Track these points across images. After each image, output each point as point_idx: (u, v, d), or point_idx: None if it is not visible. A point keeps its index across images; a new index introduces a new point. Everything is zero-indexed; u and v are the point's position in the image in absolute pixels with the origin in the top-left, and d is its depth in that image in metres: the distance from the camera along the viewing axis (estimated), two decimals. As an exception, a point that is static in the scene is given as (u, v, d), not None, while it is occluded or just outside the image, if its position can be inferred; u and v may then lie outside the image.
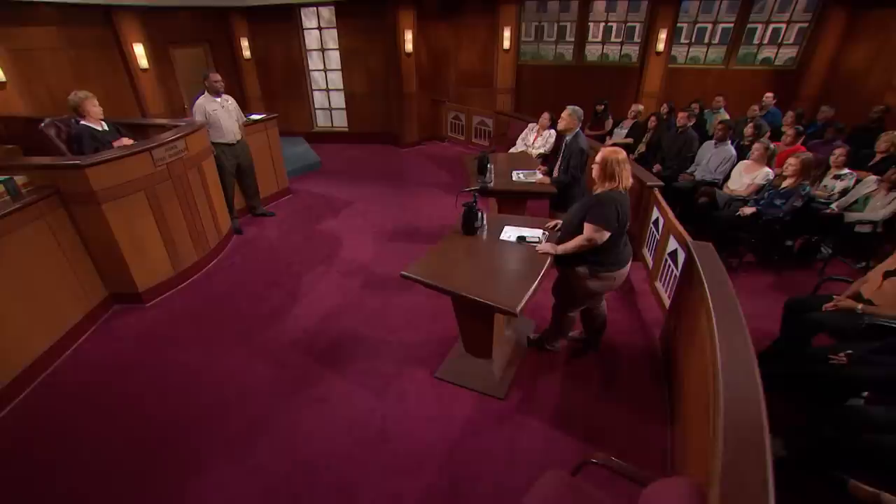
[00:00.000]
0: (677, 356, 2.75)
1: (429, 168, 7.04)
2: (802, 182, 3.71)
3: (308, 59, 8.05)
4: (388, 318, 3.49)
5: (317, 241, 4.70)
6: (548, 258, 2.63)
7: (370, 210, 5.42)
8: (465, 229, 2.92)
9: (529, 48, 8.70)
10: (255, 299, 3.75)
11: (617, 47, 8.54)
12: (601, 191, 2.53)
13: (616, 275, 2.63)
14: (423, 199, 5.68)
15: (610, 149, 2.52)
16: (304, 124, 8.45)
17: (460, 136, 8.30)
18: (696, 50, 8.42)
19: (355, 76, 7.95)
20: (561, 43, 8.66)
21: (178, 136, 3.81)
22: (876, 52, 6.77)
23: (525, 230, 2.96)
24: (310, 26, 7.81)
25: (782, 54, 8.03)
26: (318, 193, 5.98)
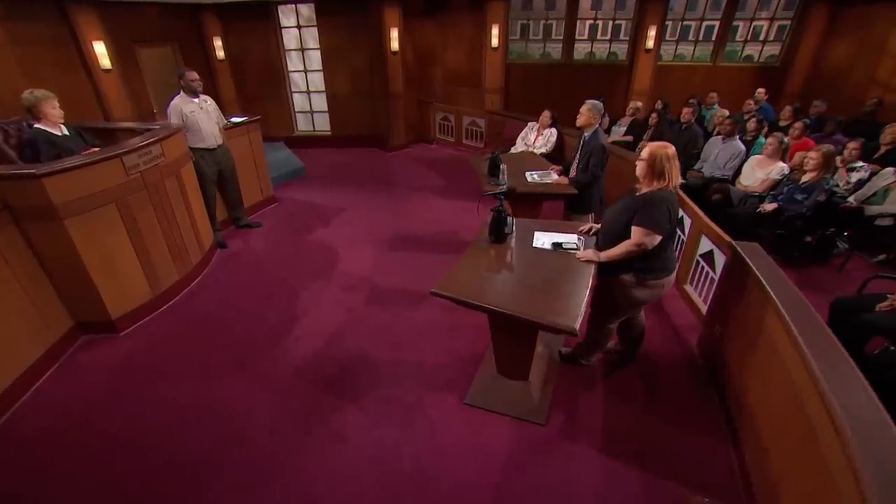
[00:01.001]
0: (730, 366, 2.57)
1: (420, 171, 6.81)
2: (825, 175, 3.64)
3: (287, 60, 7.66)
4: (400, 337, 3.19)
5: (310, 253, 4.35)
6: (591, 266, 2.41)
7: (363, 217, 5.12)
8: (495, 236, 2.68)
9: (516, 47, 8.59)
10: (249, 321, 3.38)
11: (604, 45, 8.53)
12: (648, 190, 2.33)
13: (665, 282, 2.44)
14: (418, 204, 5.46)
15: (658, 143, 2.34)
16: (284, 128, 8.03)
17: (450, 138, 8.09)
18: (682, 47, 8.50)
19: (338, 77, 7.62)
20: (548, 41, 8.59)
21: (152, 141, 3.41)
22: (857, 47, 6.95)
23: (559, 235, 2.74)
24: (288, 24, 7.43)
25: (765, 51, 8.20)
26: (305, 201, 5.63)
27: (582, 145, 3.69)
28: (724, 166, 4.77)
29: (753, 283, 2.36)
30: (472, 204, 5.38)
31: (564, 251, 2.59)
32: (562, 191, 3.63)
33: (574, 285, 2.26)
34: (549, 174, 3.91)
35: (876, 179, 3.89)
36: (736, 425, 2.35)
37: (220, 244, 4.48)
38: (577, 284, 2.26)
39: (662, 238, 2.31)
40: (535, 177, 3.87)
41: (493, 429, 2.49)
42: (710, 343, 2.90)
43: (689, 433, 2.47)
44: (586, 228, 2.84)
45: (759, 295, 2.29)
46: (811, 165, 3.64)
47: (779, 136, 4.04)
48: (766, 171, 4.17)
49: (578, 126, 3.68)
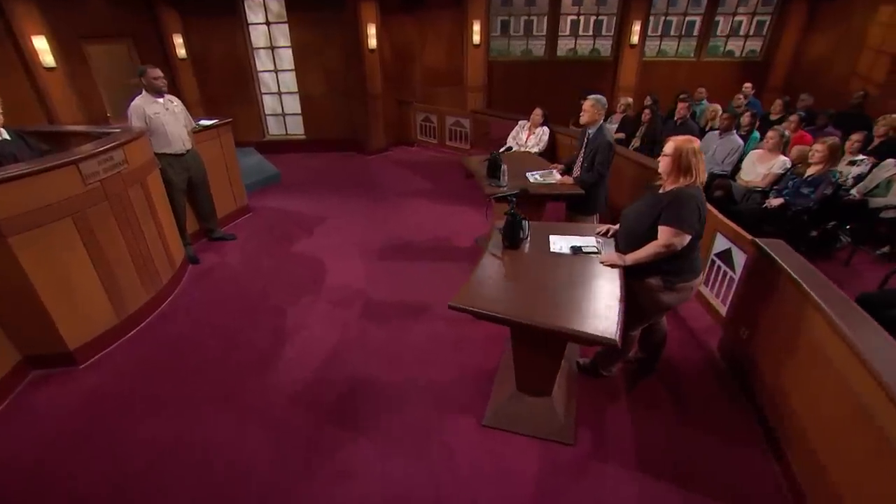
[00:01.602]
0: (761, 370, 2.52)
1: (403, 175, 6.70)
2: (831, 168, 3.70)
3: (255, 59, 7.40)
4: (403, 354, 3.03)
5: (294, 266, 4.14)
6: (617, 271, 2.32)
7: (349, 226, 4.95)
8: (509, 242, 2.57)
9: (497, 44, 8.60)
10: (231, 344, 3.14)
11: (587, 42, 8.64)
12: (674, 187, 2.27)
13: (693, 284, 2.40)
14: (405, 210, 5.36)
15: (682, 137, 2.29)
16: (254, 133, 7.74)
17: (432, 140, 7.99)
18: (665, 43, 8.69)
19: (311, 77, 7.40)
20: (530, 38, 8.64)
21: (114, 145, 3.14)
22: (836, 41, 7.27)
23: (576, 239, 2.67)
24: (256, 21, 7.18)
25: (746, 46, 8.48)
26: (283, 210, 5.40)
27: (586, 142, 3.65)
28: (723, 162, 4.83)
29: (786, 282, 2.32)
30: (461, 208, 5.36)
31: (585, 255, 2.50)
32: (569, 191, 3.56)
33: (603, 291, 2.16)
34: (551, 174, 3.85)
35: (877, 171, 4.00)
36: (777, 435, 2.29)
37: (192, 259, 4.20)
38: (606, 290, 2.17)
39: (691, 238, 2.24)
40: (536, 177, 3.80)
41: (518, 452, 2.36)
42: (735, 346, 2.86)
43: (725, 444, 2.40)
44: (603, 230, 2.78)
45: (794, 294, 2.25)
46: (817, 158, 3.69)
47: (780, 130, 4.11)
48: (768, 166, 4.23)
49: (582, 123, 3.64)
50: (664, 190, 2.34)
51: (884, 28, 6.46)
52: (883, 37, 6.47)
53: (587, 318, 1.97)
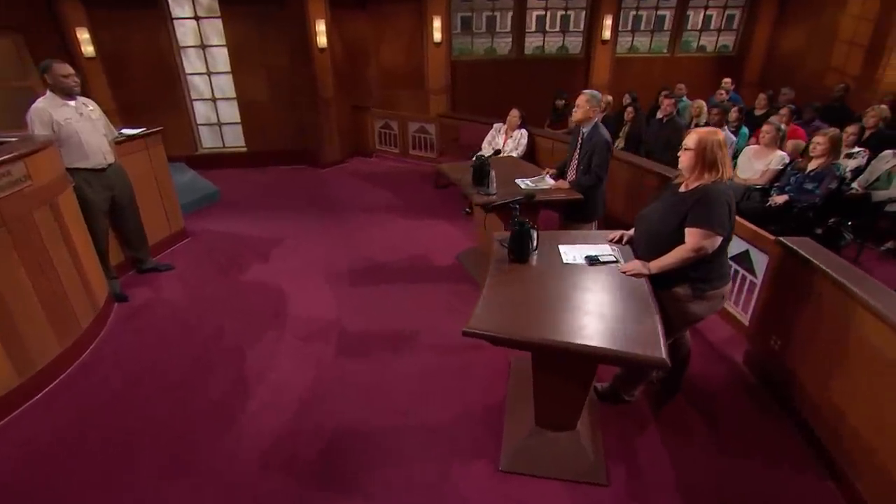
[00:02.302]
0: (802, 384, 2.55)
1: (366, 189, 6.62)
2: (834, 161, 3.91)
3: (183, 60, 7.10)
4: (392, 394, 2.87)
5: (250, 297, 3.90)
6: (644, 281, 2.29)
7: (309, 247, 4.79)
8: (517, 255, 2.51)
9: (459, 42, 8.75)
10: (178, 397, 2.85)
11: (555, 38, 8.95)
12: (699, 184, 2.28)
13: (724, 291, 2.42)
14: (374, 227, 5.29)
15: (705, 129, 2.32)
16: (184, 145, 7.38)
17: (393, 149, 7.94)
18: (637, 39, 9.15)
19: (252, 80, 7.19)
20: (494, 35, 8.84)
21: (12, 157, 2.83)
22: (809, 35, 7.90)
23: (588, 248, 2.64)
24: (182, 15, 6.91)
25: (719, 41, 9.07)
26: (229, 232, 5.13)
27: (581, 143, 3.68)
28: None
29: (823, 282, 2.37)
30: (435, 222, 5.35)
31: (603, 265, 2.47)
32: (567, 196, 3.56)
33: (634, 304, 2.11)
34: (543, 179, 3.86)
35: (876, 163, 4.27)
36: (832, 455, 2.28)
37: (118, 297, 3.85)
38: (638, 302, 2.12)
39: (722, 239, 2.25)
40: (528, 183, 3.79)
41: (544, 499, 2.23)
42: (766, 358, 2.89)
43: (774, 470, 2.38)
44: (616, 237, 2.76)
45: (834, 294, 2.29)
46: (818, 151, 3.90)
47: (775, 123, 4.33)
48: (766, 162, 4.42)
49: (575, 121, 3.67)
50: (687, 188, 2.35)
51: (855, 20, 7.08)
52: (854, 29, 7.09)
53: (627, 336, 1.90)
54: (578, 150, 3.72)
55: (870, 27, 6.87)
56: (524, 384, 2.87)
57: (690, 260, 2.26)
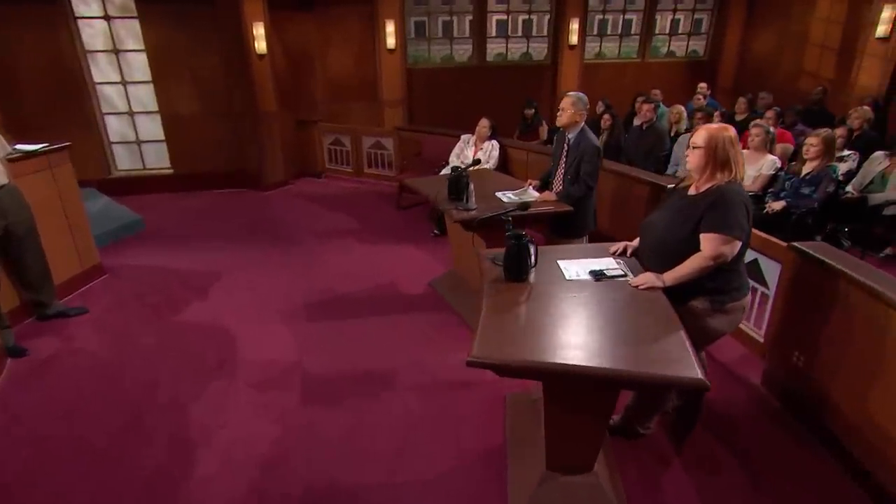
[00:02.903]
0: (835, 404, 2.57)
1: (318, 213, 6.52)
2: (829, 164, 4.12)
3: (91, 66, 6.78)
4: (374, 445, 2.74)
5: (188, 342, 3.68)
6: (659, 294, 2.27)
7: (258, 280, 4.63)
8: (514, 273, 2.47)
9: (414, 49, 8.89)
10: (103, 472, 2.57)
11: (519, 44, 9.24)
12: (711, 186, 2.31)
13: (745, 303, 2.45)
14: (332, 254, 5.19)
15: (715, 126, 2.37)
16: (95, 168, 6.99)
17: (346, 168, 7.89)
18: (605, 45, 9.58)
19: (178, 91, 6.97)
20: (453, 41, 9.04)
21: None
22: (780, 39, 8.53)
23: (590, 262, 2.63)
24: (89, 13, 6.61)
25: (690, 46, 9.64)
26: (156, 267, 4.87)
27: (567, 150, 3.72)
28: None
29: (851, 290, 2.42)
30: (401, 246, 5.34)
31: (611, 280, 2.44)
32: (556, 209, 3.58)
33: (654, 320, 2.08)
34: (526, 191, 3.87)
35: (868, 166, 4.55)
36: (887, 489, 2.27)
37: (13, 351, 3.50)
38: (658, 318, 2.08)
39: (742, 246, 2.28)
40: (510, 196, 3.78)
41: (567, 561, 2.10)
42: (788, 377, 2.91)
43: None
44: (619, 248, 2.75)
45: (866, 303, 2.33)
46: (812, 153, 4.10)
47: (764, 126, 4.55)
48: (757, 167, 4.62)
49: (560, 125, 3.71)
50: (698, 190, 2.37)
51: (824, 24, 7.70)
52: (824, 32, 7.70)
53: (653, 356, 1.85)
54: (564, 158, 3.75)
55: (839, 30, 7.48)
56: (525, 423, 2.82)
57: (708, 269, 2.26)
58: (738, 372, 3.27)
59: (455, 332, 3.72)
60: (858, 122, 5.24)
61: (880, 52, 6.66)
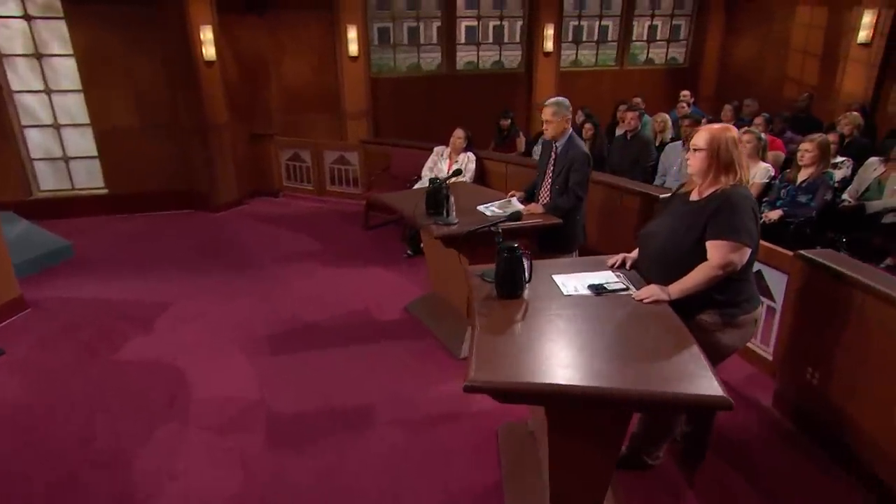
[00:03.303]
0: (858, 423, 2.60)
1: (276, 235, 6.45)
2: (826, 170, 4.28)
3: (7, 73, 6.55)
4: (354, 490, 2.66)
5: (132, 382, 3.57)
6: (667, 308, 2.29)
7: (209, 311, 4.53)
8: (508, 290, 2.48)
9: (378, 57, 9.02)
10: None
11: (491, 52, 9.45)
12: (716, 189, 2.36)
13: (756, 315, 2.49)
14: (295, 280, 5.14)
15: (716, 126, 2.44)
16: (12, 188, 6.72)
17: (306, 185, 7.84)
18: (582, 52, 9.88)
19: (113, 101, 6.81)
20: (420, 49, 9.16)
21: None
22: (761, 45, 8.98)
23: (587, 276, 2.66)
24: (4, 13, 6.38)
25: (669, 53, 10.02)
26: (91, 299, 4.72)
27: (554, 159, 3.79)
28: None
29: (867, 299, 2.48)
30: (372, 269, 5.36)
31: (612, 294, 2.46)
32: (545, 222, 3.62)
33: (663, 335, 2.11)
34: (510, 203, 3.90)
35: (862, 172, 4.75)
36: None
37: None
38: (668, 333, 2.11)
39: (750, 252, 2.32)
40: (494, 209, 3.81)
41: None
42: (802, 397, 2.95)
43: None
44: (617, 260, 2.77)
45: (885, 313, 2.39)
46: (807, 160, 4.26)
47: (756, 133, 4.71)
48: (750, 176, 4.77)
49: (548, 138, 3.80)
50: (701, 195, 2.40)
51: (805, 29, 8.16)
52: (806, 38, 8.14)
53: (666, 374, 1.85)
54: (552, 167, 3.82)
55: (821, 36, 7.93)
56: (522, 456, 2.79)
57: (717, 279, 2.29)
58: (747, 393, 3.31)
59: (437, 359, 3.70)
60: (849, 128, 5.50)
61: (863, 58, 7.07)
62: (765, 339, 3.33)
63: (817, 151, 4.24)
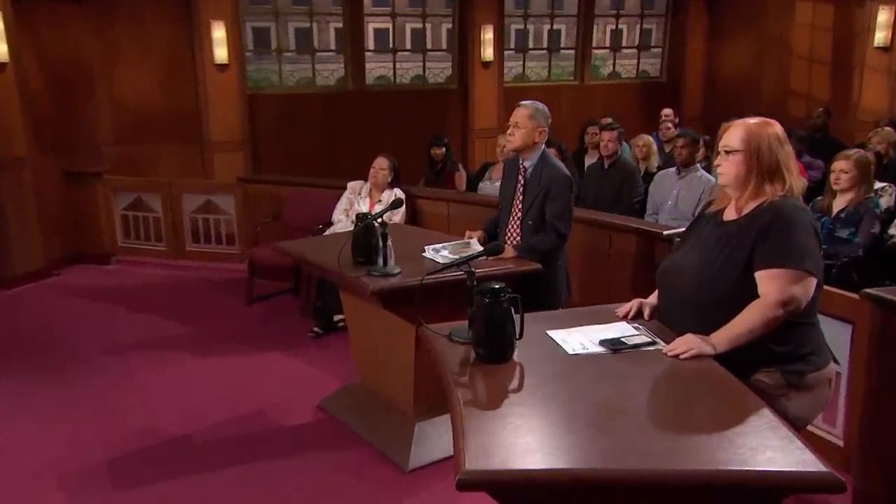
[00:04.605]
0: None
1: (109, 317, 6.35)
2: (868, 195, 4.59)
3: None
4: None
5: None
6: (710, 364, 2.32)
7: (10, 442, 4.24)
8: (493, 352, 2.45)
9: (255, 67, 9.05)
10: None
11: (411, 63, 9.75)
12: (762, 204, 2.43)
13: (830, 373, 2.52)
14: (147, 378, 5.07)
15: (755, 120, 2.49)
16: None
17: (155, 245, 7.82)
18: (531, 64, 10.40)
19: None
20: (315, 57, 9.30)
21: None
22: (756, 48, 9.82)
23: (595, 329, 2.67)
24: None
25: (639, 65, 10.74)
26: None
27: (524, 185, 3.89)
28: (694, 212, 5.63)
29: None
30: (264, 355, 5.46)
31: (634, 351, 2.48)
32: (518, 269, 3.65)
33: (717, 400, 2.12)
34: (468, 245, 3.93)
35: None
36: None
37: None
38: (722, 397, 2.12)
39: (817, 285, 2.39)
40: (446, 254, 3.83)
41: None
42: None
43: None
44: (631, 308, 2.80)
45: None
46: (845, 182, 4.55)
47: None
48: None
49: (513, 150, 3.92)
50: (740, 213, 2.46)
51: (808, 30, 9.01)
52: (811, 42, 8.97)
53: (745, 448, 1.83)
54: (521, 196, 3.89)
55: (828, 39, 8.77)
56: None
57: (777, 321, 2.31)
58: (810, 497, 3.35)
59: (375, 475, 3.64)
60: (883, 146, 6.00)
61: (883, 65, 7.86)
62: (829, 417, 3.38)
63: (856, 171, 4.53)
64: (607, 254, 4.88)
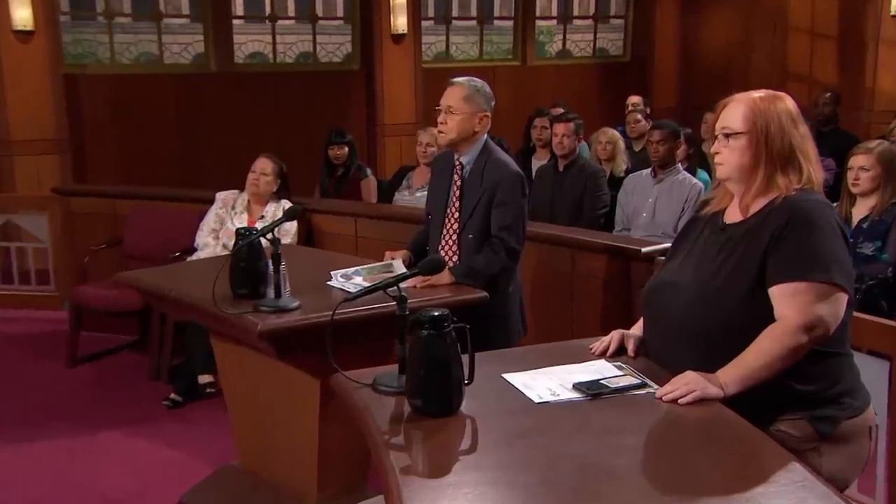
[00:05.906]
0: None
1: None
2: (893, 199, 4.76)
3: None
4: None
5: None
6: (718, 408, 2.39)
7: None
8: (434, 400, 2.45)
9: (73, 37, 8.86)
10: None
11: (298, 36, 9.74)
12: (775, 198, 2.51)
13: (868, 419, 2.58)
14: None
15: (759, 94, 2.56)
16: None
17: None
18: (455, 38, 10.55)
19: None
20: (161, 27, 9.18)
21: None
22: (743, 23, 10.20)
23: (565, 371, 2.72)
24: None
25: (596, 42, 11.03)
26: None
27: (460, 187, 3.94)
28: (677, 225, 5.78)
29: None
30: (94, 434, 5.38)
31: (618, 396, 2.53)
32: (460, 297, 3.67)
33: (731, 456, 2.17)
34: (390, 266, 3.93)
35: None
36: None
37: None
38: (737, 452, 2.17)
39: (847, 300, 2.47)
40: (359, 281, 3.83)
41: None
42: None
43: None
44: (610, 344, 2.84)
45: None
46: (866, 183, 4.71)
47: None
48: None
49: (443, 143, 4.02)
50: (746, 213, 2.52)
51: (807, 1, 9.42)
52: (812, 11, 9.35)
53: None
54: (458, 201, 3.94)
55: (833, 8, 9.16)
56: None
57: (800, 351, 2.36)
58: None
59: None
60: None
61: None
62: (865, 484, 3.48)
63: (880, 168, 4.66)
64: (569, 278, 4.95)
